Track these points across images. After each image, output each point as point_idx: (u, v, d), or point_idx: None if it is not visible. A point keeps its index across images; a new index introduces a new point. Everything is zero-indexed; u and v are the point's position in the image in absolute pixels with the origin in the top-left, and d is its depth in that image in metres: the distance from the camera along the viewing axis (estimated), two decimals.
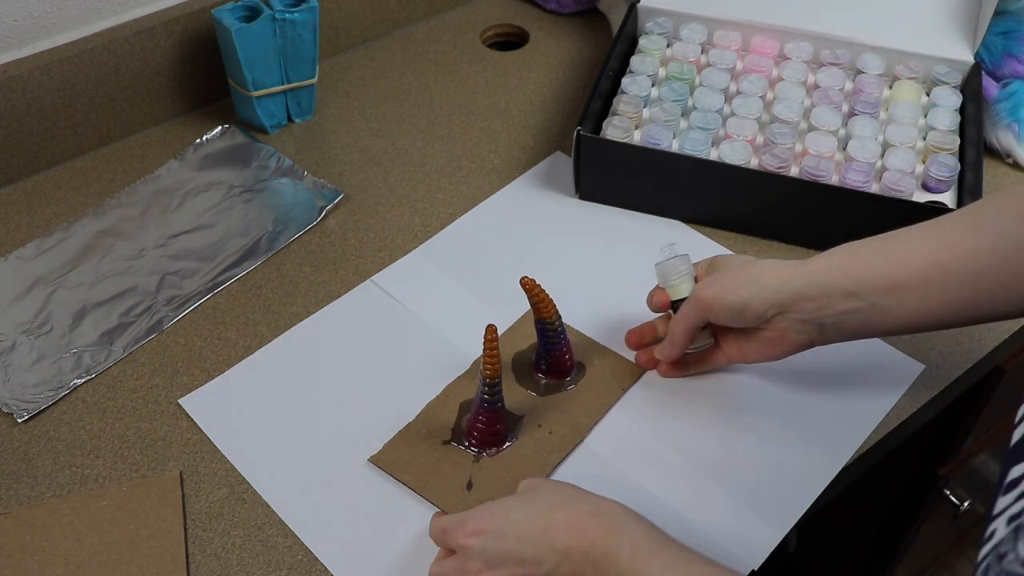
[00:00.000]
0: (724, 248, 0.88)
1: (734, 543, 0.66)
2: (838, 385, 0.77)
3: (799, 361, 0.72)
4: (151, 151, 0.98)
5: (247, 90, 0.95)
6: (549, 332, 0.73)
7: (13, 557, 0.66)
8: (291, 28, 0.94)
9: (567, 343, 0.75)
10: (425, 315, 0.82)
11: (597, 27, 1.15)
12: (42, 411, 0.75)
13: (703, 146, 0.88)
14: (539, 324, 0.73)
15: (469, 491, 0.68)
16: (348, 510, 0.69)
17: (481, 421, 0.70)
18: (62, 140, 0.95)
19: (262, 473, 0.71)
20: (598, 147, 0.87)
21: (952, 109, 0.93)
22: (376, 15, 1.11)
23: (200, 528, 0.68)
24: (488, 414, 0.69)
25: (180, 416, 0.75)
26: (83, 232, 0.89)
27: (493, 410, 0.69)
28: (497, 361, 0.66)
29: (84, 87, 0.93)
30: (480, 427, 0.70)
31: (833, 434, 0.73)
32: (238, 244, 0.88)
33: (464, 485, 0.69)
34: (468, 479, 0.69)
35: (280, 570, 0.66)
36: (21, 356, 0.78)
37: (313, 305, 0.83)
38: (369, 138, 1.00)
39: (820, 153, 0.88)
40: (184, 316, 0.82)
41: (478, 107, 1.04)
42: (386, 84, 1.07)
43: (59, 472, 0.71)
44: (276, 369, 0.78)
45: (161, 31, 0.95)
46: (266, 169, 0.96)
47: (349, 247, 0.88)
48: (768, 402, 0.75)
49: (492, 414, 0.69)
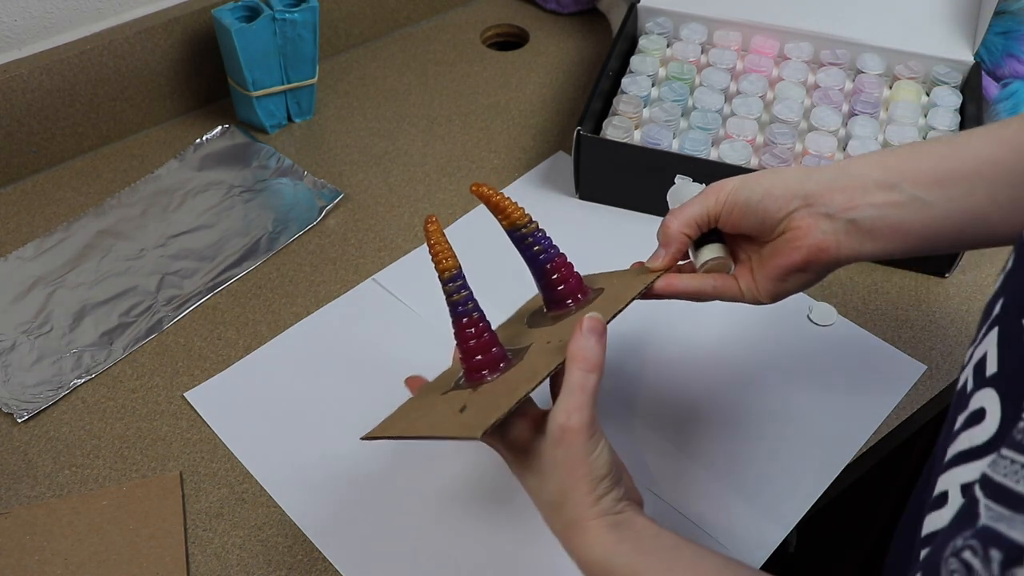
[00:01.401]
0: None
1: (735, 543, 0.67)
2: (840, 385, 0.77)
3: (801, 361, 0.72)
4: (151, 151, 0.98)
5: (247, 90, 0.95)
6: (528, 240, 0.60)
7: (13, 557, 0.66)
8: (291, 28, 0.94)
9: (558, 253, 0.61)
10: (426, 313, 0.82)
11: (597, 27, 1.15)
12: (42, 411, 0.75)
13: (703, 146, 0.88)
14: (513, 235, 0.61)
15: (461, 412, 0.56)
16: (352, 506, 0.69)
17: (461, 339, 0.57)
18: (62, 140, 0.95)
19: (266, 469, 0.71)
20: (598, 147, 0.87)
21: (952, 109, 0.93)
22: (376, 15, 1.11)
23: (200, 528, 0.68)
24: (460, 322, 0.57)
25: (180, 416, 0.75)
26: (83, 232, 0.89)
27: (467, 314, 0.57)
28: (445, 252, 0.56)
29: (84, 87, 0.93)
30: (466, 348, 0.57)
31: (834, 434, 0.73)
32: (238, 244, 0.88)
33: (457, 410, 0.56)
34: (462, 406, 0.56)
35: (280, 570, 0.66)
36: (21, 356, 0.78)
37: (313, 305, 0.83)
38: (369, 138, 1.00)
39: (820, 153, 0.88)
40: (184, 316, 0.82)
41: (478, 107, 1.04)
42: (386, 84, 1.07)
43: (59, 472, 0.71)
44: (279, 365, 0.78)
45: (161, 31, 0.95)
46: (266, 169, 0.96)
47: (349, 247, 0.88)
48: (769, 402, 0.75)
49: (466, 321, 0.57)
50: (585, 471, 0.53)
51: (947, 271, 0.86)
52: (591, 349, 0.54)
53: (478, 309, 0.58)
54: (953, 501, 0.43)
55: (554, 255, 0.61)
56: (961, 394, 0.47)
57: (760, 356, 0.79)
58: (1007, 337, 0.43)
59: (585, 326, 0.54)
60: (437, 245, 0.57)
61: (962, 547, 0.35)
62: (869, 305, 0.83)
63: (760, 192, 0.59)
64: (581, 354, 0.53)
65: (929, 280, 0.86)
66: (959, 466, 0.44)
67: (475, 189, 0.60)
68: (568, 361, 0.54)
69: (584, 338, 0.54)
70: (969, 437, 0.44)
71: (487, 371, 0.57)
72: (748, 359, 0.79)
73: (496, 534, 0.67)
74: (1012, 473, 0.35)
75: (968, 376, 0.46)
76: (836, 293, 0.84)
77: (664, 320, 0.82)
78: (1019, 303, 0.44)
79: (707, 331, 0.81)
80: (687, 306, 0.83)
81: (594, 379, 0.53)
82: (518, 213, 0.60)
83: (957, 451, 0.44)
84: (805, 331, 0.81)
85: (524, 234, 0.60)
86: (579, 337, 0.54)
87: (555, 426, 0.53)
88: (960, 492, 0.43)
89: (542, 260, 0.61)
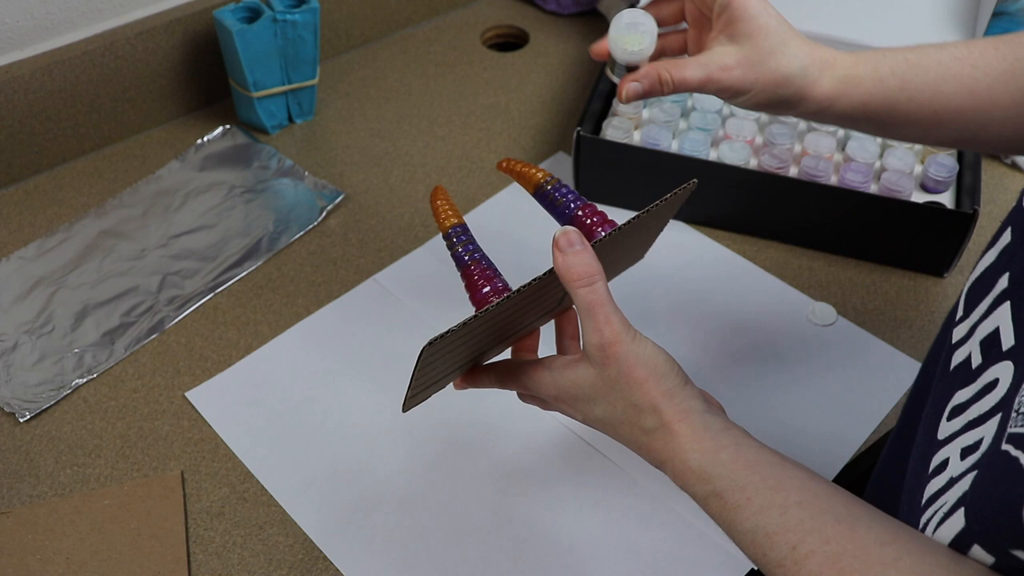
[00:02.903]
0: (724, 248, 0.88)
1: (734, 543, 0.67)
2: (839, 385, 0.77)
3: (801, 360, 0.72)
4: (152, 152, 0.98)
5: (248, 91, 0.96)
6: (554, 195, 0.61)
7: (15, 556, 0.66)
8: (292, 29, 0.94)
9: (584, 201, 0.61)
10: (427, 313, 0.82)
11: (597, 27, 1.15)
12: (44, 411, 0.75)
13: (702, 147, 0.88)
14: (540, 195, 0.62)
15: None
16: (353, 505, 0.69)
17: (471, 287, 0.58)
18: (64, 141, 0.95)
19: (267, 468, 0.71)
20: (598, 147, 0.88)
21: None
22: (376, 16, 1.11)
23: (201, 527, 0.68)
24: (466, 269, 0.58)
25: (182, 415, 0.75)
26: (85, 232, 0.89)
27: (473, 260, 0.58)
28: (447, 212, 0.57)
29: (86, 88, 0.93)
30: (475, 294, 0.58)
31: (834, 434, 0.73)
32: (239, 244, 0.88)
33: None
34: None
35: (281, 569, 0.66)
36: (23, 356, 0.78)
37: (314, 305, 0.83)
38: (370, 138, 1.00)
39: (819, 154, 0.88)
40: (185, 316, 0.82)
41: (478, 107, 1.04)
42: (387, 85, 1.07)
43: (61, 471, 0.71)
44: (280, 365, 0.78)
45: (162, 32, 0.95)
46: (267, 169, 0.96)
47: (350, 247, 0.88)
48: (769, 401, 0.76)
49: (473, 266, 0.58)
50: (644, 372, 0.51)
51: (946, 271, 0.86)
52: (578, 262, 0.51)
53: (485, 258, 0.58)
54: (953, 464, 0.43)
55: (577, 201, 0.61)
56: (964, 370, 0.46)
57: (760, 356, 0.79)
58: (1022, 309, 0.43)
59: (562, 243, 0.51)
60: (442, 205, 0.57)
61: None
62: (868, 305, 0.84)
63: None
64: (573, 272, 0.51)
65: (928, 280, 0.86)
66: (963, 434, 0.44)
67: (501, 165, 0.63)
68: (565, 285, 0.51)
69: (565, 256, 0.51)
70: (978, 407, 0.43)
71: (492, 295, 0.56)
72: (748, 359, 0.79)
73: (496, 533, 0.68)
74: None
75: (973, 351, 0.46)
76: (836, 293, 0.85)
77: (664, 320, 0.82)
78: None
79: (706, 331, 0.81)
80: (687, 307, 0.84)
81: (600, 287, 0.51)
82: (543, 173, 0.62)
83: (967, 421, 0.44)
84: (805, 331, 0.81)
85: (553, 191, 0.61)
86: (559, 256, 0.51)
87: (593, 351, 0.51)
88: (959, 455, 0.43)
89: (568, 208, 0.60)
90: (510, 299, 0.51)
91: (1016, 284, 0.45)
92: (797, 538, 0.45)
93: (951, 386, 0.47)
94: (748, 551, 0.48)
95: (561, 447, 0.73)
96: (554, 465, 0.72)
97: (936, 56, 0.61)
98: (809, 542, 0.45)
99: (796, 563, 0.45)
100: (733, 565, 0.66)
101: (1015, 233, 0.47)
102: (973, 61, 0.60)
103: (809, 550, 0.45)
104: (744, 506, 0.48)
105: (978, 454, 0.42)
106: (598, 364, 0.51)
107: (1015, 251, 0.46)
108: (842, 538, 0.44)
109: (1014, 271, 0.45)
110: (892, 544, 0.43)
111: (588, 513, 0.69)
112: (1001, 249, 0.48)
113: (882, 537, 0.44)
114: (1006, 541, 0.38)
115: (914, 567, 0.42)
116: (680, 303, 0.84)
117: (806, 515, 0.46)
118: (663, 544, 0.67)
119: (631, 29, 0.63)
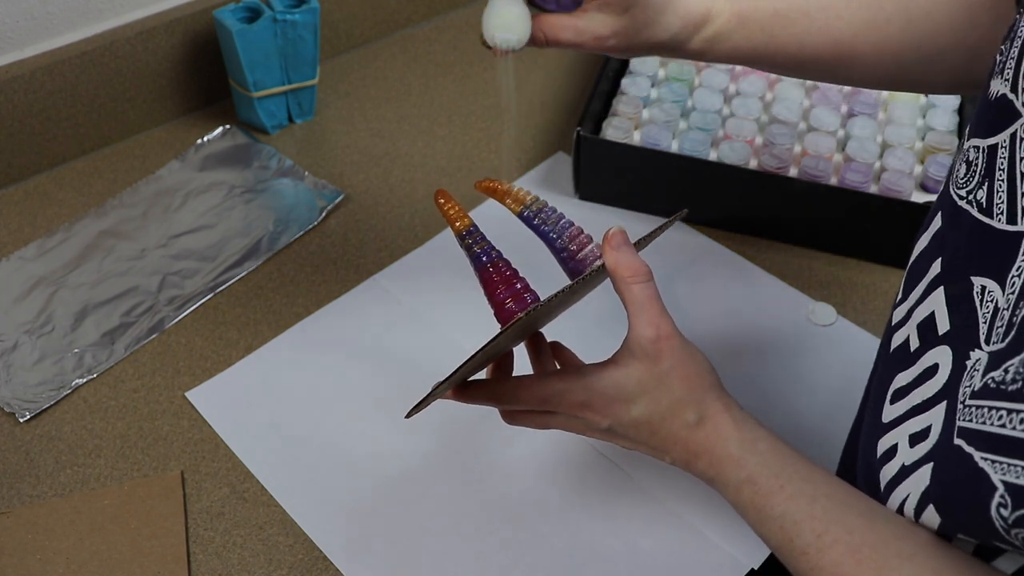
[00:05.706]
0: (724, 248, 0.88)
1: (733, 543, 0.67)
2: (839, 385, 0.77)
3: (801, 360, 0.72)
4: (152, 152, 0.98)
5: (248, 91, 0.96)
6: (541, 217, 0.59)
7: (15, 556, 0.66)
8: (292, 29, 0.94)
9: (570, 222, 0.59)
10: (428, 313, 0.82)
11: None
12: (44, 411, 0.75)
13: (702, 147, 0.88)
14: (525, 217, 0.60)
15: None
16: (353, 505, 0.69)
17: (489, 288, 0.56)
18: (64, 141, 0.95)
19: (267, 468, 0.71)
20: (598, 147, 0.88)
21: (951, 110, 0.93)
22: (377, 16, 1.11)
23: (201, 527, 0.68)
24: (484, 271, 0.56)
25: (182, 415, 0.75)
26: (85, 232, 0.89)
27: (490, 262, 0.57)
28: (458, 213, 0.57)
29: (86, 88, 0.93)
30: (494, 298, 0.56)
31: (833, 434, 0.73)
32: (239, 244, 0.88)
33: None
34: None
35: (281, 569, 0.66)
36: (23, 356, 0.78)
37: (314, 305, 0.83)
38: (370, 139, 1.00)
39: (819, 154, 0.88)
40: (185, 316, 0.82)
41: (478, 107, 1.04)
42: (387, 85, 1.07)
43: (61, 471, 0.71)
44: (280, 365, 0.78)
45: (162, 32, 0.95)
46: (267, 170, 0.96)
47: (350, 247, 0.88)
48: (769, 401, 0.76)
49: (491, 268, 0.56)
50: (695, 368, 0.53)
51: None
52: (633, 259, 0.52)
53: (501, 257, 0.57)
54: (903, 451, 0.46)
55: (565, 224, 0.60)
56: (904, 352, 0.48)
57: (760, 356, 0.79)
58: (955, 295, 0.45)
59: (614, 241, 0.53)
60: (451, 209, 0.57)
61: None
62: (868, 305, 0.84)
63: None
64: (629, 268, 0.52)
65: None
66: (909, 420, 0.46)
67: (480, 185, 0.61)
68: (617, 281, 0.52)
69: (619, 252, 0.52)
70: (921, 392, 0.45)
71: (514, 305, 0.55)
72: (748, 359, 0.79)
73: (497, 534, 0.68)
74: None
75: (911, 334, 0.48)
76: (836, 293, 0.85)
77: None
78: (961, 261, 0.45)
79: (706, 331, 0.81)
80: (687, 307, 0.84)
81: (654, 284, 0.52)
82: (526, 195, 0.60)
83: (910, 406, 0.46)
84: (805, 331, 0.81)
85: (538, 213, 0.60)
86: (612, 253, 0.52)
87: (646, 344, 0.52)
88: (908, 443, 0.45)
89: (558, 230, 0.59)
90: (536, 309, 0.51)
91: (947, 270, 0.46)
92: (823, 527, 0.48)
93: (892, 368, 0.49)
94: (773, 537, 0.50)
95: (562, 448, 0.73)
96: (554, 466, 0.72)
97: (804, 7, 0.63)
98: (834, 531, 0.47)
99: (820, 551, 0.47)
100: (733, 566, 0.66)
101: (944, 218, 0.48)
102: (838, 11, 0.62)
103: (833, 539, 0.47)
104: (777, 492, 0.50)
105: (928, 443, 0.44)
106: (650, 358, 0.52)
107: (945, 236, 0.48)
108: (864, 530, 0.47)
109: (945, 257, 0.47)
110: (909, 539, 0.46)
111: (588, 514, 0.69)
112: (933, 234, 0.49)
113: (899, 532, 0.46)
114: (985, 537, 0.40)
115: (928, 563, 0.44)
116: (680, 303, 0.84)
117: (832, 506, 0.49)
118: (664, 545, 0.67)
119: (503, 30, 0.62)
